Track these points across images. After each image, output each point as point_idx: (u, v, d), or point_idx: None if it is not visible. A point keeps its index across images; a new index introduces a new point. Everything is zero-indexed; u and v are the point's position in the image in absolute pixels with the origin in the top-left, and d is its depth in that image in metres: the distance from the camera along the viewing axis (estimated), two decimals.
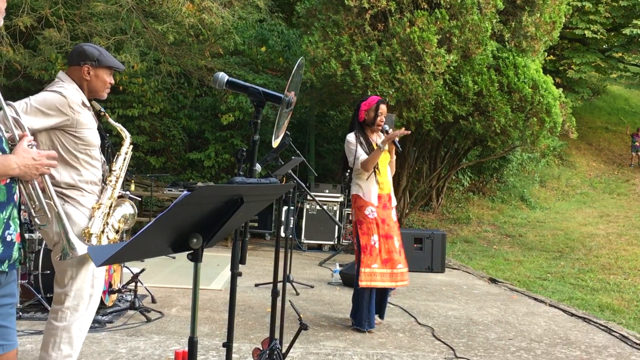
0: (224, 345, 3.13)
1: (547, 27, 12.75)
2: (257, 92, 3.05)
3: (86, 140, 3.82)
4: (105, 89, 3.97)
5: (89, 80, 3.89)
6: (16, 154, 2.57)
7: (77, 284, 3.72)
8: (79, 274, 3.73)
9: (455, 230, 15.14)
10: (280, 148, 4.87)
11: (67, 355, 3.69)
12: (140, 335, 5.59)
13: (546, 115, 12.26)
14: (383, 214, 6.25)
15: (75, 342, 3.72)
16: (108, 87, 3.98)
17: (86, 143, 3.82)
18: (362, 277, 6.08)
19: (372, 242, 6.15)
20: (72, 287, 3.72)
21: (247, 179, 2.79)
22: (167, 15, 12.50)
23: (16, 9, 12.17)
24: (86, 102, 3.87)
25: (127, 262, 7.41)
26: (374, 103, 6.35)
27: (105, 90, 3.98)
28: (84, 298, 3.75)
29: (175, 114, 16.35)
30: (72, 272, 3.73)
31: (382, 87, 11.36)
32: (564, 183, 19.87)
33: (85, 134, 3.80)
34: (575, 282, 10.09)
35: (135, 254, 2.71)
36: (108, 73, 3.95)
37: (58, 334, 3.69)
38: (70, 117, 3.70)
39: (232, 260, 3.18)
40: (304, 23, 13.42)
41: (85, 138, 3.81)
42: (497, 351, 5.71)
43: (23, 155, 2.58)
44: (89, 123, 3.83)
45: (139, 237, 2.07)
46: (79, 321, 3.73)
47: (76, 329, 3.72)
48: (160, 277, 8.54)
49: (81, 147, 3.81)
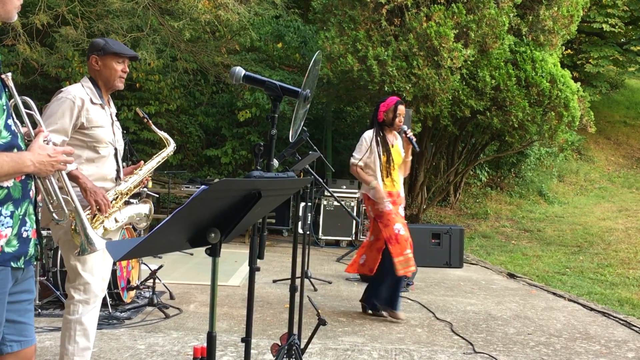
0: (243, 341, 3.13)
1: (565, 20, 12.68)
2: (274, 86, 3.03)
3: (94, 137, 3.84)
4: (117, 78, 3.96)
5: (99, 70, 3.91)
6: (31, 150, 2.57)
7: (85, 278, 3.77)
8: (85, 269, 3.77)
9: (473, 225, 15.09)
10: (297, 143, 4.87)
11: (84, 348, 3.76)
12: (159, 331, 5.62)
13: (564, 109, 12.20)
14: (395, 208, 6.37)
15: (90, 335, 3.78)
16: (121, 76, 3.97)
17: (94, 140, 3.85)
18: (398, 266, 6.16)
19: (396, 230, 6.23)
20: (81, 281, 3.77)
21: (265, 173, 2.78)
22: (183, 12, 12.53)
23: (32, 7, 12.24)
24: (95, 99, 3.89)
25: (145, 257, 7.46)
26: (392, 104, 6.43)
27: (118, 78, 3.96)
28: (94, 291, 3.80)
29: (192, 110, 16.39)
30: (80, 267, 3.77)
31: (399, 83, 11.34)
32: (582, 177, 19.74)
33: (94, 131, 3.83)
34: (594, 276, 10.04)
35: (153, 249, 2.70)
36: (116, 61, 3.93)
37: (72, 327, 3.74)
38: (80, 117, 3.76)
39: (250, 255, 3.16)
40: (320, 19, 13.41)
41: (94, 135, 3.83)
42: (516, 346, 5.70)
43: (38, 152, 2.58)
44: (100, 120, 3.86)
45: (156, 232, 2.07)
46: (90, 314, 3.79)
47: (88, 321, 3.78)
48: (178, 273, 8.58)
49: (89, 143, 3.85)
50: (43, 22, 11.88)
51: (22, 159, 2.50)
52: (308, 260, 8.40)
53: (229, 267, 9.18)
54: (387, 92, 11.51)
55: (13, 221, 2.49)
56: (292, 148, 4.91)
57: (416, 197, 14.56)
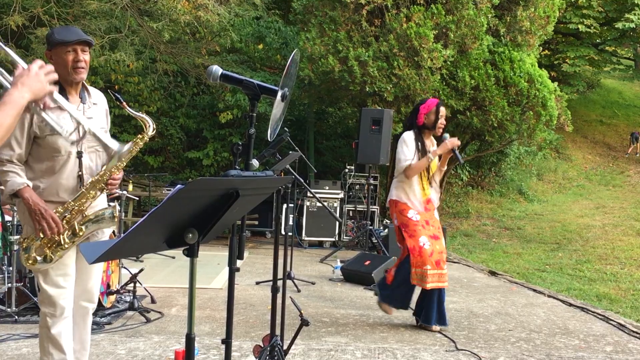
0: (223, 342, 3.13)
1: (542, 21, 12.83)
2: (251, 85, 3.01)
3: (50, 146, 3.52)
4: (71, 70, 3.52)
5: (54, 65, 3.20)
6: (14, 84, 2.48)
7: (47, 291, 3.60)
8: (46, 281, 3.59)
9: (455, 224, 15.21)
10: (278, 144, 4.88)
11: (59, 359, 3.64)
12: (140, 336, 5.59)
13: (542, 108, 12.34)
14: (426, 216, 6.11)
15: (64, 345, 3.64)
16: (75, 67, 3.52)
17: (50, 148, 3.54)
18: (414, 276, 5.99)
19: (422, 243, 5.95)
20: (44, 295, 3.62)
21: (243, 172, 2.74)
22: (162, 13, 12.47)
23: (7, 8, 12.11)
24: (52, 103, 3.34)
25: (123, 258, 7.38)
26: (433, 106, 6.12)
27: (72, 70, 3.52)
28: (59, 304, 3.60)
29: (173, 112, 16.30)
30: (41, 279, 3.62)
31: (380, 83, 11.42)
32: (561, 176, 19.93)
33: (48, 139, 3.51)
34: (573, 272, 10.17)
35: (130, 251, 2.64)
36: (65, 50, 3.49)
37: (44, 339, 3.64)
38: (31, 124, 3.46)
39: (230, 256, 3.14)
40: (300, 20, 13.46)
41: (48, 143, 3.52)
42: (497, 342, 5.78)
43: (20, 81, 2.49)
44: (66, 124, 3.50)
45: (132, 232, 2.03)
46: (60, 325, 3.63)
47: (58, 333, 3.61)
48: (159, 277, 8.54)
49: (46, 153, 3.56)
50: (18, 24, 11.73)
51: (12, 97, 2.43)
52: (291, 262, 8.43)
53: (211, 269, 9.13)
54: (368, 93, 11.61)
55: None
56: (273, 148, 4.89)
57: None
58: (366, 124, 10.87)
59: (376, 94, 11.71)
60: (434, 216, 6.22)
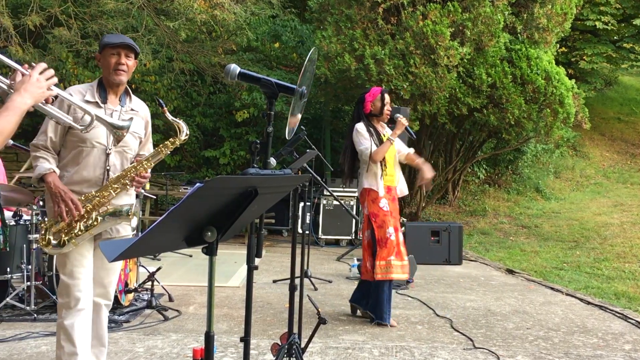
0: (242, 340, 3.14)
1: (559, 18, 12.75)
2: (269, 83, 3.02)
3: (78, 137, 3.69)
4: (112, 72, 3.76)
5: (101, 66, 3.82)
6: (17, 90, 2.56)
7: (64, 281, 3.69)
8: (64, 272, 3.69)
9: (472, 222, 15.15)
10: (295, 142, 4.89)
11: (70, 353, 3.64)
12: (158, 334, 5.63)
13: (559, 106, 12.27)
14: (392, 207, 6.24)
15: (76, 339, 3.65)
16: (117, 69, 3.77)
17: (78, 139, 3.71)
18: (378, 270, 6.07)
19: (388, 234, 6.11)
20: (62, 284, 3.70)
21: (261, 170, 2.76)
22: (178, 12, 12.50)
23: (25, 8, 12.18)
24: (90, 97, 3.75)
25: (142, 257, 7.43)
26: (378, 93, 6.29)
27: (112, 72, 3.77)
28: (74, 295, 3.66)
29: (189, 111, 16.31)
30: (60, 269, 3.73)
31: (396, 81, 11.40)
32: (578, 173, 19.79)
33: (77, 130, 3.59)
34: (591, 271, 10.11)
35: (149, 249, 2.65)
36: (110, 53, 3.75)
37: (57, 331, 3.70)
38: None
39: (248, 254, 3.16)
40: (317, 18, 13.46)
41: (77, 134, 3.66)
42: (515, 341, 5.77)
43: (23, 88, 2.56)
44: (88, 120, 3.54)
45: (151, 231, 2.05)
46: (74, 318, 3.66)
47: (71, 325, 3.65)
48: (177, 275, 8.58)
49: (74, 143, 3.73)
50: (36, 23, 11.77)
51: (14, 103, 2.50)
52: (308, 260, 8.45)
53: (228, 268, 9.18)
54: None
55: None
56: (290, 147, 4.91)
57: (415, 195, 14.60)
58: None
59: (392, 92, 11.67)
60: (397, 206, 6.38)
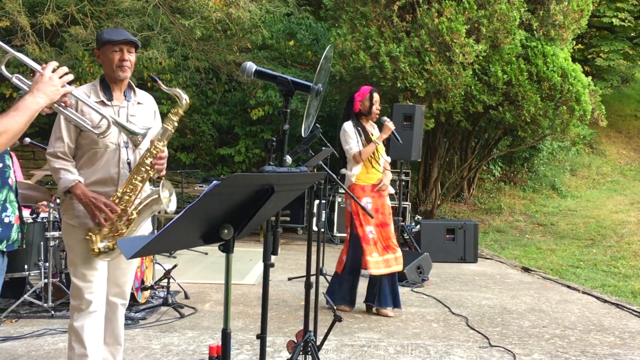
0: (258, 337, 3.15)
1: (575, 15, 12.69)
2: (285, 81, 3.02)
3: (88, 138, 3.63)
4: (116, 68, 3.67)
5: (102, 63, 3.74)
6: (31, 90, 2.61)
7: (75, 284, 3.67)
8: (75, 274, 3.67)
9: (487, 220, 15.11)
10: (310, 140, 4.89)
11: (80, 355, 3.63)
12: (174, 331, 5.66)
13: (576, 103, 12.22)
14: (377, 203, 6.39)
15: (86, 341, 3.64)
16: (120, 65, 3.67)
17: (89, 141, 3.64)
18: (371, 265, 6.28)
19: (368, 231, 6.31)
20: (73, 287, 3.69)
21: (278, 168, 2.75)
22: (194, 10, 12.52)
23: (41, 7, 12.24)
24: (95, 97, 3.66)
25: (159, 254, 7.46)
26: (367, 93, 6.53)
27: (116, 68, 3.67)
28: (85, 298, 3.64)
29: (205, 109, 16.33)
30: (72, 272, 3.71)
31: (412, 79, 11.39)
32: (595, 171, 19.69)
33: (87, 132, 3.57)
34: (608, 269, 10.07)
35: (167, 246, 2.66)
36: (112, 49, 3.66)
37: (69, 331, 3.69)
38: None
39: (265, 252, 3.17)
40: (331, 16, 13.46)
41: (87, 136, 3.61)
42: (531, 339, 5.75)
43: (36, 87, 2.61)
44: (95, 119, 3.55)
45: (169, 228, 2.05)
46: (85, 320, 3.65)
47: (81, 327, 3.63)
48: (192, 273, 8.61)
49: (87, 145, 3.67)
50: (52, 22, 11.83)
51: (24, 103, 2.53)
52: (323, 258, 8.44)
53: (243, 265, 9.19)
54: (399, 89, 11.57)
55: None
56: (305, 144, 4.91)
57: (430, 193, 14.58)
58: (398, 119, 10.82)
59: (407, 89, 11.66)
60: (386, 202, 6.51)
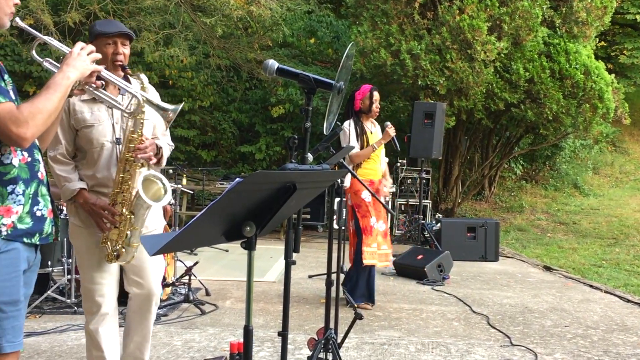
0: (279, 334, 3.15)
1: (599, 12, 12.57)
2: (307, 78, 3.00)
3: (84, 138, 3.51)
4: (110, 63, 3.47)
5: None
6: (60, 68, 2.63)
7: (84, 287, 3.63)
8: (84, 277, 3.62)
9: (509, 218, 15.03)
10: (332, 138, 4.89)
11: (97, 357, 3.64)
12: (195, 327, 5.68)
13: (598, 101, 12.13)
14: (374, 198, 6.42)
15: (103, 344, 3.62)
16: (115, 59, 3.50)
17: (85, 141, 3.52)
18: (366, 255, 6.33)
19: (372, 223, 6.42)
20: (83, 290, 3.65)
21: (300, 166, 2.76)
22: (215, 8, 12.55)
23: (65, 5, 12.34)
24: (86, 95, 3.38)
25: (181, 251, 7.49)
26: (367, 91, 6.61)
27: (110, 64, 3.47)
28: (95, 301, 3.59)
29: (226, 107, 16.39)
30: (81, 274, 3.67)
31: (432, 76, 11.35)
32: (618, 170, 19.54)
33: (83, 132, 3.50)
34: (631, 268, 9.98)
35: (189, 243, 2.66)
36: (105, 42, 3.47)
37: (85, 335, 3.69)
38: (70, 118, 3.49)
39: (286, 249, 3.17)
40: (352, 13, 13.46)
41: (83, 136, 3.51)
42: (553, 338, 5.71)
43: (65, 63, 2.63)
44: (89, 119, 3.49)
45: (191, 225, 2.05)
46: (98, 323, 3.62)
47: (95, 330, 3.61)
48: (213, 270, 8.62)
49: (84, 146, 3.55)
50: (75, 20, 11.91)
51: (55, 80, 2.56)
52: (343, 255, 8.40)
53: (264, 263, 9.19)
54: (420, 86, 11.53)
55: (24, 199, 2.52)
56: (326, 142, 4.91)
57: (451, 191, 14.53)
58: (418, 117, 10.84)
59: (428, 87, 11.63)
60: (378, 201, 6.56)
